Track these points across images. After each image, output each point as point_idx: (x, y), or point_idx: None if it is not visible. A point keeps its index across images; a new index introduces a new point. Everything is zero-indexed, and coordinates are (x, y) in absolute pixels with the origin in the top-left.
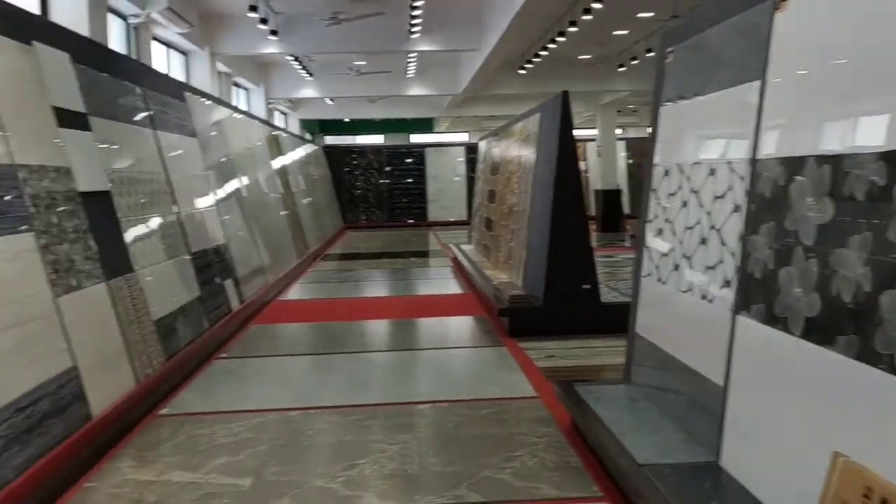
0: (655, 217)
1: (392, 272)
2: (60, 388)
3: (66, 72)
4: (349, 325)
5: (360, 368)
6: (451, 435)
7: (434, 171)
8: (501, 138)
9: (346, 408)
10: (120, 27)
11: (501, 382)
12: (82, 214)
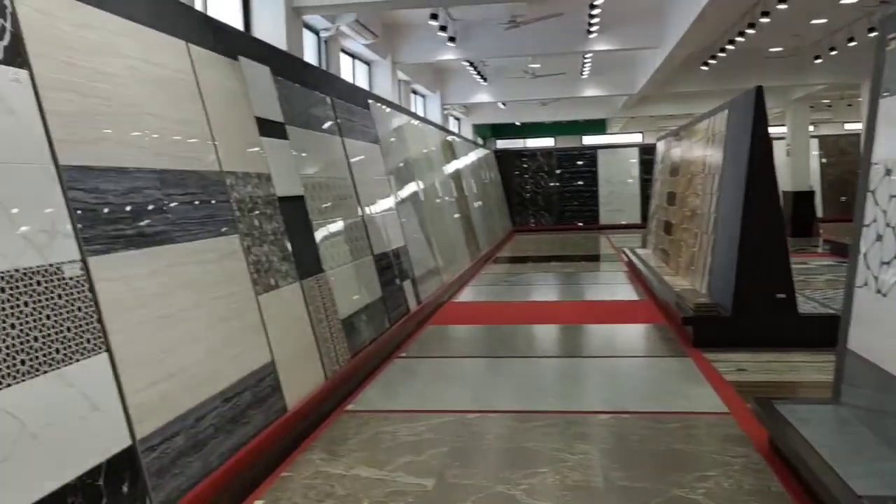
0: (874, 221)
1: (562, 276)
2: (260, 381)
3: (267, 84)
4: (520, 328)
5: (534, 373)
6: (635, 448)
7: (606, 173)
8: (682, 138)
9: (523, 413)
10: (312, 41)
11: (687, 395)
12: (279, 218)
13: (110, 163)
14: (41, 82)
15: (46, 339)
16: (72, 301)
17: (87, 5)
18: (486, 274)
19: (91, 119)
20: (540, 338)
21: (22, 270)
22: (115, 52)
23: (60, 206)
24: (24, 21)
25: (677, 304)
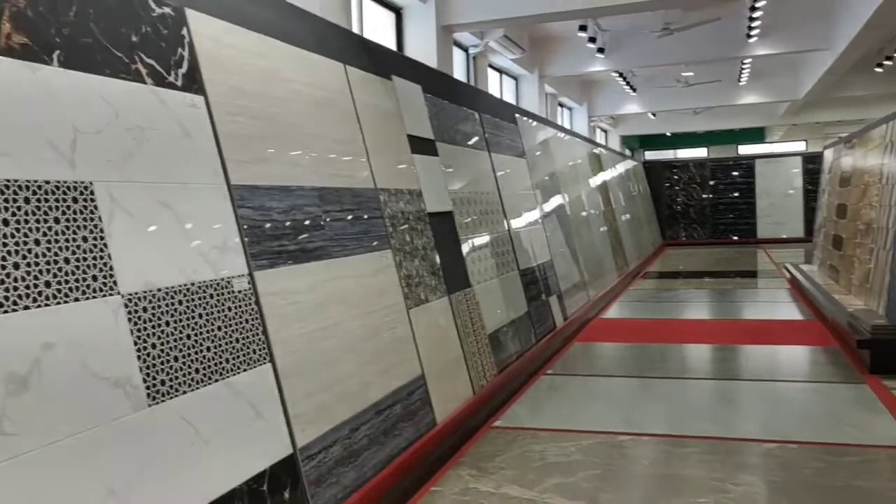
0: None
1: (716, 293)
2: (411, 394)
3: (418, 102)
4: (672, 347)
5: (688, 395)
6: (808, 483)
7: (765, 185)
8: (855, 146)
9: (678, 438)
10: (461, 57)
11: (866, 426)
12: (429, 233)
13: (275, 181)
14: (215, 107)
15: (217, 349)
16: (240, 314)
17: (258, 33)
18: (634, 289)
19: (259, 140)
20: (693, 358)
21: (197, 284)
22: (282, 77)
23: (231, 223)
24: (199, 50)
25: (851, 325)
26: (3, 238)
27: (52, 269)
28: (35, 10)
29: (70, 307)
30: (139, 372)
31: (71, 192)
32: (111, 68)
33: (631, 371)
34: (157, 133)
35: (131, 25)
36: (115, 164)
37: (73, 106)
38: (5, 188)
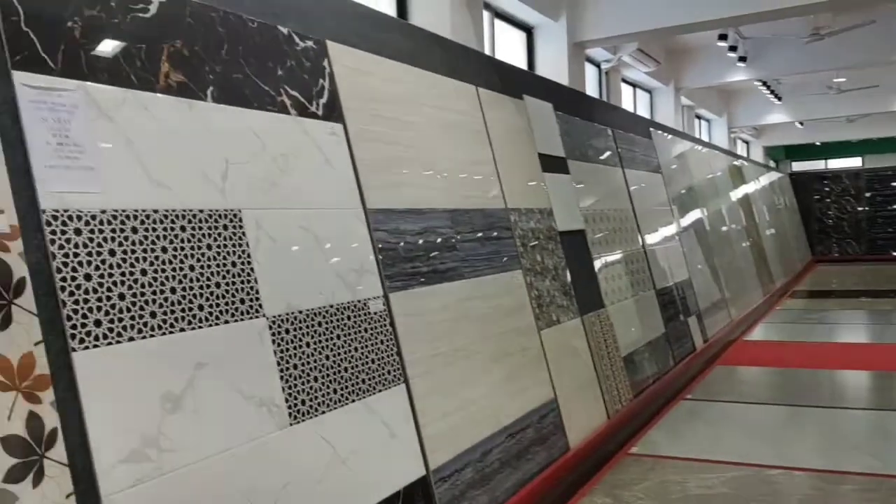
0: None
1: (874, 314)
2: (543, 417)
3: (549, 120)
4: (824, 373)
5: (843, 426)
6: None
7: None
8: None
9: (833, 473)
10: (593, 73)
11: None
12: (560, 252)
13: (408, 204)
14: (353, 134)
15: (354, 370)
16: (375, 335)
17: (392, 60)
18: (781, 310)
19: (393, 165)
20: (848, 385)
21: (335, 306)
22: (416, 102)
23: (367, 246)
24: (339, 79)
25: None
26: (163, 264)
27: (204, 292)
28: (191, 50)
29: (220, 329)
30: (282, 392)
31: (221, 220)
32: (259, 101)
33: (779, 398)
34: (300, 161)
35: (277, 60)
36: (261, 192)
37: (225, 138)
38: (164, 217)
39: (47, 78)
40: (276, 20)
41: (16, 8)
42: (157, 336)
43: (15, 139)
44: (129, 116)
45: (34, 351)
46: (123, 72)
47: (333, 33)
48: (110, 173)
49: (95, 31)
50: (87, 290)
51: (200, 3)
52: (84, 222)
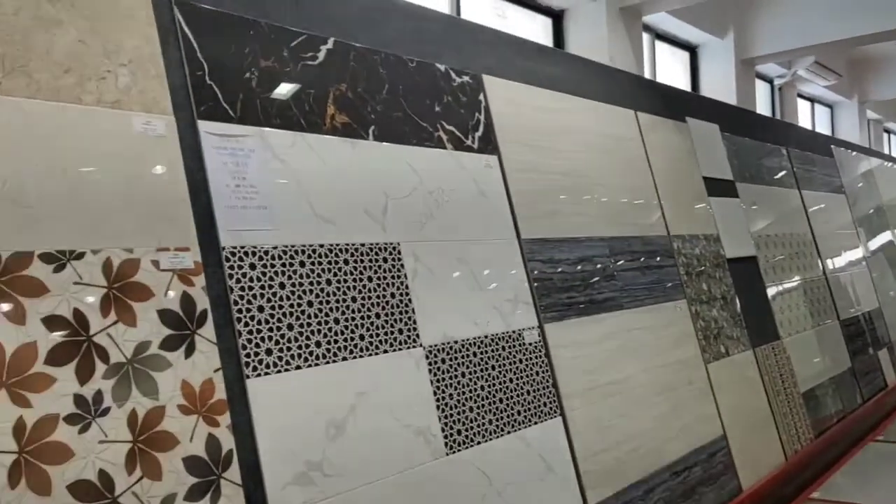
0: None
1: None
2: (712, 456)
3: (715, 142)
4: None
5: None
6: None
7: None
8: None
9: None
10: (764, 90)
11: None
12: (729, 280)
13: (564, 233)
14: (508, 165)
15: (509, 400)
16: (530, 366)
17: (548, 90)
18: None
19: (548, 194)
20: None
21: (490, 337)
22: (570, 129)
23: (522, 276)
24: (494, 112)
25: None
26: (327, 296)
27: (365, 323)
28: (354, 92)
29: (380, 359)
30: (438, 421)
31: (381, 253)
32: (417, 137)
33: None
34: (456, 194)
35: (434, 96)
36: (418, 225)
37: (385, 175)
38: (329, 251)
39: (228, 126)
40: (434, 58)
41: (201, 63)
42: (321, 365)
43: (200, 183)
44: (298, 157)
45: (213, 377)
46: (294, 116)
47: (488, 67)
48: (281, 211)
49: (270, 80)
50: (260, 321)
51: (364, 48)
52: (258, 257)
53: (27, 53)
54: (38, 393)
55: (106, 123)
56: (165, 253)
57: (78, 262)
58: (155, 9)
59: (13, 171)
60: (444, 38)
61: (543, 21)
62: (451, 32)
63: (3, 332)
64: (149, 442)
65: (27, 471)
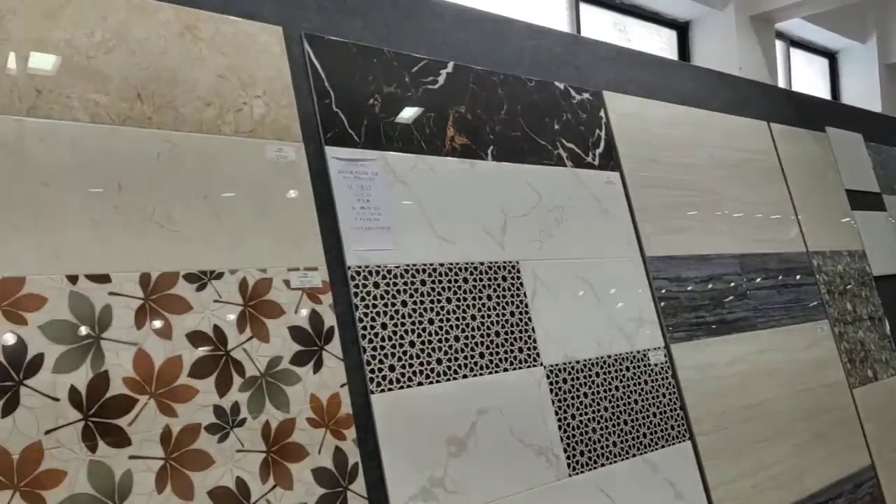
0: None
1: None
2: (857, 487)
3: (858, 152)
4: None
5: None
6: None
7: None
8: None
9: None
10: None
11: None
12: (876, 300)
13: (691, 250)
14: (630, 181)
15: (634, 423)
16: (656, 387)
17: (672, 104)
18: None
19: (674, 210)
20: None
21: (613, 357)
22: (697, 143)
23: (646, 295)
24: (615, 128)
25: None
26: (447, 314)
27: (485, 341)
28: (473, 114)
29: (500, 377)
30: (560, 441)
31: (500, 272)
32: (536, 156)
33: None
34: (576, 211)
35: (553, 115)
36: (537, 244)
37: (504, 194)
38: (449, 270)
39: (353, 150)
40: (553, 77)
41: (328, 92)
42: (442, 382)
43: (327, 205)
44: (419, 179)
45: (340, 392)
46: (415, 139)
47: (609, 82)
48: (403, 231)
49: (392, 106)
50: (384, 337)
51: (483, 70)
52: (381, 276)
53: (174, 90)
54: (183, 403)
55: (242, 152)
56: (296, 272)
57: (217, 281)
58: (287, 42)
59: (162, 196)
60: (564, 56)
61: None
62: (571, 50)
63: (153, 346)
64: (281, 452)
65: (172, 476)
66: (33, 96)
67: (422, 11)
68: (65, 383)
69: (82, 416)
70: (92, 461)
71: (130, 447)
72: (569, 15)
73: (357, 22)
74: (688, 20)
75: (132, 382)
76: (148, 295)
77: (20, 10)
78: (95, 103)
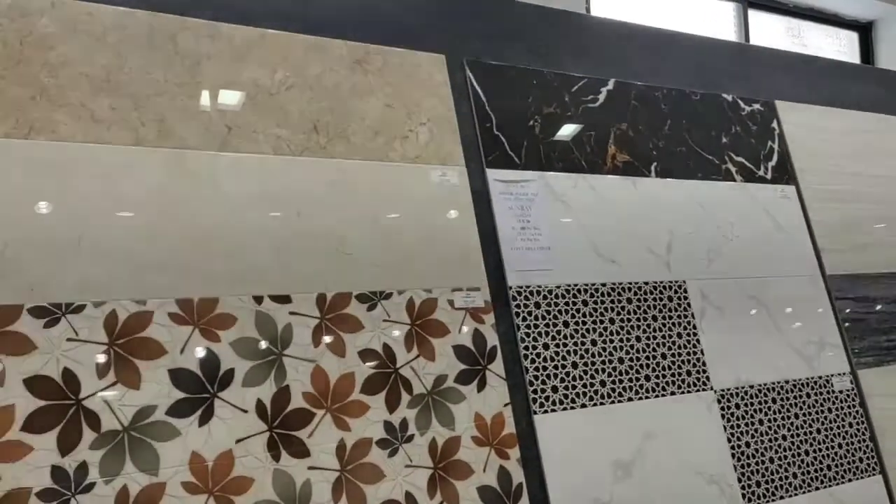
0: None
1: None
2: None
3: None
4: None
5: None
6: None
7: None
8: None
9: None
10: None
11: None
12: None
13: (880, 268)
14: (808, 195)
15: (816, 453)
16: (841, 416)
17: (854, 111)
18: None
19: (859, 225)
20: None
21: (791, 382)
22: (886, 152)
23: (828, 316)
24: (790, 139)
25: None
26: (610, 335)
27: (651, 363)
28: (635, 130)
29: (667, 401)
30: (733, 470)
31: (666, 292)
32: (702, 171)
33: None
34: (747, 228)
35: (721, 128)
36: (705, 262)
37: (669, 211)
38: (612, 290)
39: (513, 172)
40: (720, 88)
41: (489, 115)
42: (606, 404)
43: (488, 227)
44: (579, 198)
45: (503, 411)
46: (575, 158)
47: (782, 92)
48: (564, 251)
49: (552, 126)
50: (546, 358)
51: (644, 85)
52: (542, 296)
53: (345, 121)
54: (356, 418)
55: (408, 177)
56: (459, 293)
57: (386, 301)
58: (449, 69)
59: (337, 221)
60: (731, 67)
61: (847, 36)
62: (738, 60)
63: (329, 362)
64: (447, 469)
65: (347, 487)
66: (225, 133)
67: (582, 30)
68: (252, 396)
69: (267, 427)
70: (276, 470)
71: (309, 458)
72: (736, 24)
73: (517, 45)
74: (871, 20)
75: (310, 397)
76: (324, 314)
77: (214, 55)
78: (277, 137)
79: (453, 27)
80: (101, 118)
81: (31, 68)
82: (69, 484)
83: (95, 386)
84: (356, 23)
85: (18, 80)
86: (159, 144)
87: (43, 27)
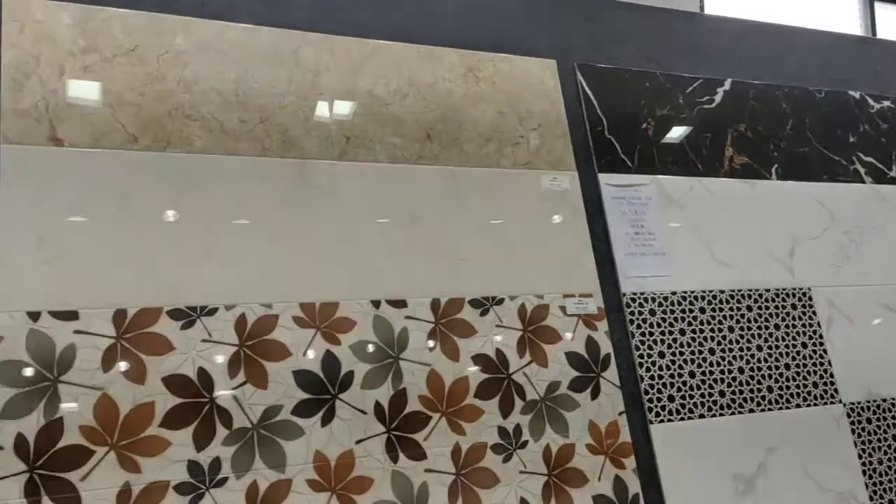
0: None
1: None
2: None
3: None
4: None
5: None
6: None
7: None
8: None
9: None
10: None
11: None
12: None
13: None
14: None
15: None
16: None
17: None
18: None
19: None
20: None
21: None
22: None
23: None
24: None
25: None
26: (729, 344)
27: (773, 374)
28: (754, 131)
29: (791, 413)
30: (865, 488)
31: (789, 299)
32: (827, 172)
33: None
34: (878, 232)
35: (847, 127)
36: (832, 268)
37: (791, 214)
38: (730, 297)
39: (626, 176)
40: (845, 86)
41: (601, 119)
42: (725, 416)
43: (600, 231)
44: (695, 202)
45: (618, 420)
46: (690, 161)
47: None
48: (679, 256)
49: (665, 128)
50: (661, 366)
51: (764, 84)
52: (657, 303)
53: (458, 128)
54: (470, 423)
55: (519, 183)
56: (571, 299)
57: (498, 306)
58: (560, 74)
59: (450, 227)
60: (857, 62)
61: None
62: (866, 55)
63: (443, 366)
64: (562, 477)
65: (463, 491)
66: (343, 142)
67: (696, 30)
68: (371, 398)
69: (385, 429)
70: (394, 471)
71: (426, 461)
72: (862, 18)
73: (628, 47)
74: None
75: (426, 400)
76: (438, 319)
77: (332, 67)
78: (393, 145)
79: (563, 31)
80: (230, 130)
81: (167, 85)
82: (204, 478)
83: (227, 385)
84: (467, 32)
85: (157, 97)
86: (283, 155)
87: (177, 46)
